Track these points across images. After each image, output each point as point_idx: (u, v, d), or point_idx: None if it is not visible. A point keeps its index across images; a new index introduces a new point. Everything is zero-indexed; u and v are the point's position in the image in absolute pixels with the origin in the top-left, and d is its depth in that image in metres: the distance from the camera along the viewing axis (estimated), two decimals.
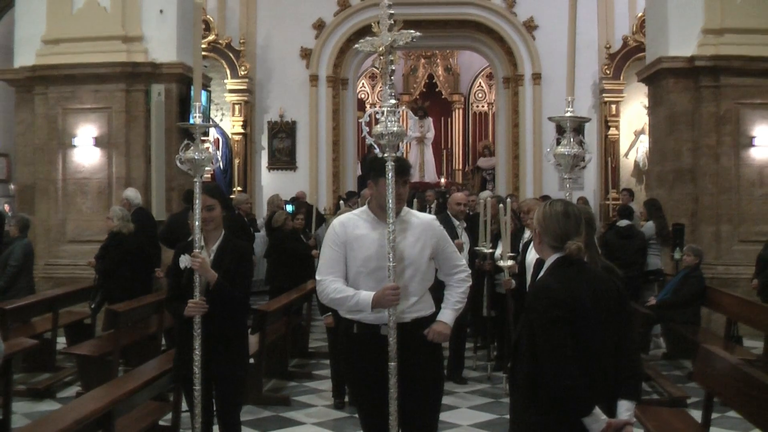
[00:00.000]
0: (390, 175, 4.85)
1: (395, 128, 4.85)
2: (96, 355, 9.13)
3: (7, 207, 17.08)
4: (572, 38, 5.33)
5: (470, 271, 5.45)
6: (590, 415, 3.92)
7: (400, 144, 4.94)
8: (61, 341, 10.88)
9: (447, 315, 5.20)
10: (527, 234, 8.97)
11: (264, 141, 20.62)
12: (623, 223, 12.23)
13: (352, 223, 5.16)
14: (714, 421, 6.70)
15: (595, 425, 3.92)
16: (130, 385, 6.11)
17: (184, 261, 5.64)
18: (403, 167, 5.04)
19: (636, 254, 11.92)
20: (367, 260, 5.02)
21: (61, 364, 10.38)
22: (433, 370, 5.15)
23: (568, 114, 5.12)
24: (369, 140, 4.99)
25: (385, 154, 4.89)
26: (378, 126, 4.90)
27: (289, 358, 10.55)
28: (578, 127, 18.73)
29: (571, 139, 5.11)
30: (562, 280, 4.05)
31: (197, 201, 5.50)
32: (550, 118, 5.45)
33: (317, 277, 5.19)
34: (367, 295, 4.90)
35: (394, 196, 4.86)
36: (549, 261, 4.22)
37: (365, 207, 5.25)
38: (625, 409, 4.05)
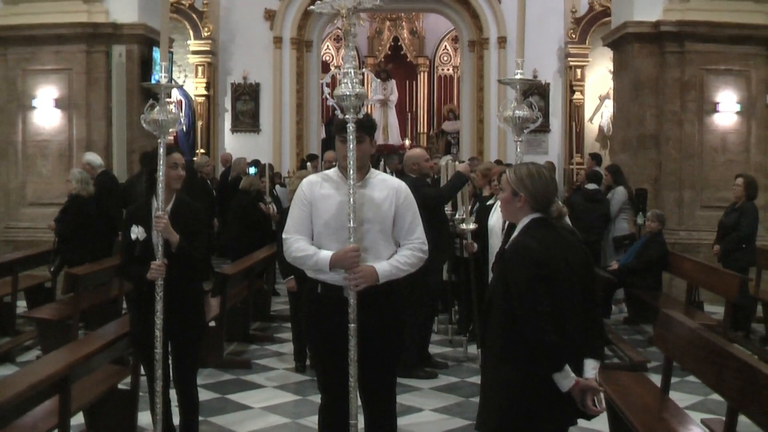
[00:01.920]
0: (351, 137, 4.81)
1: (357, 89, 4.81)
2: (56, 318, 9.06)
3: None
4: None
5: (427, 248, 5.10)
6: (562, 371, 4.05)
7: (362, 106, 4.89)
8: (21, 305, 10.77)
9: (383, 266, 4.89)
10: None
11: (227, 103, 20.42)
12: (591, 186, 12.25)
13: (319, 183, 5.09)
14: (673, 386, 6.75)
15: (564, 381, 4.06)
16: (87, 348, 6.02)
17: (136, 232, 5.56)
18: (360, 125, 4.91)
19: (599, 219, 11.97)
20: (330, 220, 4.93)
21: (21, 328, 10.27)
22: (394, 334, 5.06)
23: (518, 76, 5.14)
24: (330, 101, 4.93)
25: (347, 116, 4.83)
26: (339, 87, 4.85)
27: (250, 322, 10.52)
28: (543, 91, 18.66)
29: (516, 102, 5.16)
30: (540, 240, 4.17)
31: (162, 161, 5.41)
32: (500, 81, 5.46)
33: (284, 236, 5.12)
34: (326, 255, 4.85)
35: (354, 156, 4.81)
36: (524, 221, 4.31)
37: (336, 168, 5.17)
38: (591, 367, 4.19)
